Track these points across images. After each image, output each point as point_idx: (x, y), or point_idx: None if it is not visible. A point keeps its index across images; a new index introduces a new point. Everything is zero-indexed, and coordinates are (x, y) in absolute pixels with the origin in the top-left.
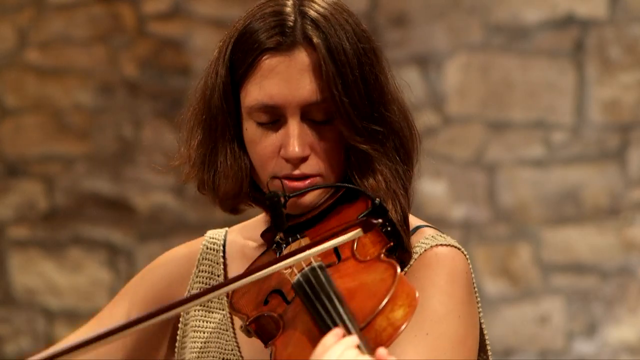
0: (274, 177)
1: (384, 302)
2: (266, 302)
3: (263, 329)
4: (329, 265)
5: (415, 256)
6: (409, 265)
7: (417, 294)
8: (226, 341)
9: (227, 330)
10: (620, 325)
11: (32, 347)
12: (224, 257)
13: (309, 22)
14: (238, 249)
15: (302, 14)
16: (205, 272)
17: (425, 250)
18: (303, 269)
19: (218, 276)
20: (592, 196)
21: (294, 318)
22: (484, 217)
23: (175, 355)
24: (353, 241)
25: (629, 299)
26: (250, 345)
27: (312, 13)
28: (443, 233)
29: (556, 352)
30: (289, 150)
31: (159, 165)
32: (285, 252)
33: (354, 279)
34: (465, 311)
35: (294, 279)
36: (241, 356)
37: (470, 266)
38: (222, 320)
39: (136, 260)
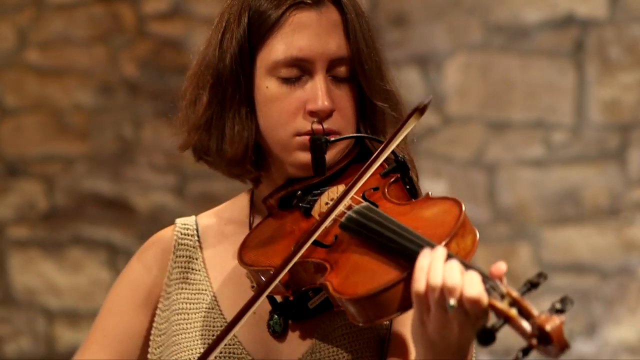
0: (297, 135)
1: (456, 228)
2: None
3: (295, 276)
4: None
5: None
6: None
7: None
8: (214, 319)
9: (212, 309)
10: (620, 325)
11: (32, 347)
12: (199, 241)
13: None
14: (214, 232)
15: None
16: (183, 256)
17: None
18: (348, 211)
19: (196, 259)
20: (592, 196)
21: (344, 255)
22: (484, 217)
23: (151, 342)
24: (383, 190)
25: (629, 299)
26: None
27: None
28: None
29: None
30: (318, 103)
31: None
32: (322, 201)
33: (409, 216)
34: None
35: (343, 219)
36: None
37: None
38: (207, 300)
39: None
